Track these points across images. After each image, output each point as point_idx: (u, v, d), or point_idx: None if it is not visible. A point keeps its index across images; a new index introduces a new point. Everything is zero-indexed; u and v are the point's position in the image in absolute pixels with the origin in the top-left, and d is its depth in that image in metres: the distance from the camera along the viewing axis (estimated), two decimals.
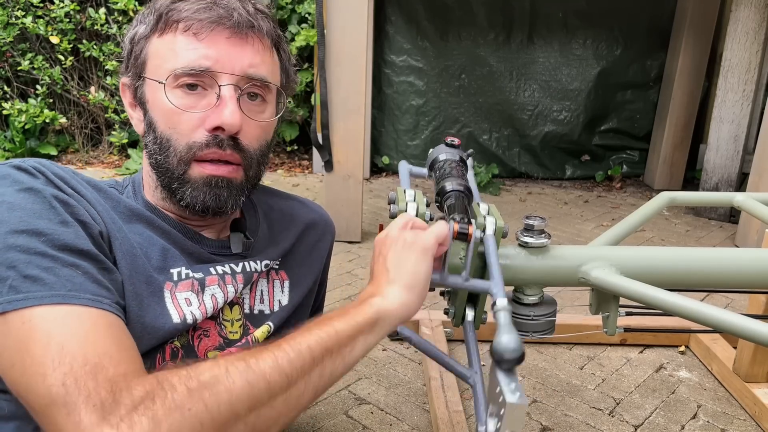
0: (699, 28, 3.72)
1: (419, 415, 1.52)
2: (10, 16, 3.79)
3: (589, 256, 0.94)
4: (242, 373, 0.58)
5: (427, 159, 0.96)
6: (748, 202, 1.25)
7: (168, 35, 0.77)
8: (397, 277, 0.69)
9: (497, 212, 0.86)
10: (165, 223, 0.82)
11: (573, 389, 1.66)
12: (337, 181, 2.73)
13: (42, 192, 0.68)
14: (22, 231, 0.63)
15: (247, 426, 0.57)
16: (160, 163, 0.79)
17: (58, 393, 0.54)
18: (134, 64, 0.81)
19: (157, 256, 0.79)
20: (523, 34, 3.96)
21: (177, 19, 0.76)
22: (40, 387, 0.55)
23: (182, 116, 0.77)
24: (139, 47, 0.80)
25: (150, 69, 0.79)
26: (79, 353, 0.57)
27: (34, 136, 4.13)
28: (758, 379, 1.59)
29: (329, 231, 1.06)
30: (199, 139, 0.77)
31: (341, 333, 0.64)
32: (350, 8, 2.49)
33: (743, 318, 0.77)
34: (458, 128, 4.11)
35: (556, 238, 2.95)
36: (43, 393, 0.55)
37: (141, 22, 0.81)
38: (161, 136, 0.78)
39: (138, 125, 0.84)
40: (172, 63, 0.76)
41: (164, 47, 0.77)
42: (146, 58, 0.79)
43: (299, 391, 0.61)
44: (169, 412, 0.53)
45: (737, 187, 3.29)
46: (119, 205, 0.79)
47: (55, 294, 0.61)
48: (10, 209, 0.65)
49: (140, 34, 0.80)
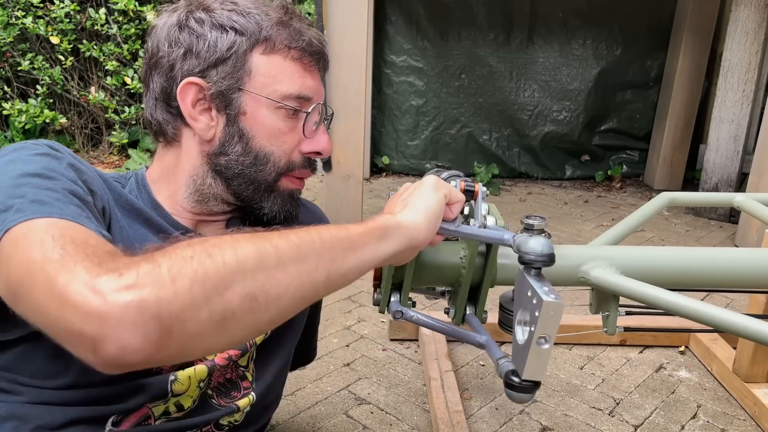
0: (699, 28, 3.72)
1: (419, 415, 1.52)
2: (10, 16, 3.79)
3: (589, 255, 0.94)
4: (247, 238, 0.56)
5: None
6: (748, 202, 1.25)
7: (276, 56, 0.81)
8: (408, 204, 0.72)
9: (497, 212, 0.86)
10: (164, 221, 0.82)
11: (573, 389, 1.66)
12: (337, 181, 2.73)
13: (58, 158, 0.70)
14: (35, 174, 0.64)
15: (256, 282, 0.53)
16: (248, 175, 0.83)
17: (53, 257, 0.52)
18: (229, 71, 0.79)
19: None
20: (523, 34, 3.97)
21: (287, 45, 0.81)
22: (38, 259, 0.53)
23: (287, 136, 0.83)
24: (239, 56, 0.79)
25: (255, 85, 0.80)
26: (78, 238, 0.56)
27: (35, 136, 4.13)
28: (758, 379, 1.59)
29: None
30: (296, 158, 0.85)
31: (351, 232, 0.63)
32: (350, 8, 2.49)
33: (743, 317, 0.77)
34: (458, 128, 4.11)
35: (556, 238, 2.95)
36: (39, 259, 0.53)
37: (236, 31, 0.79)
38: (260, 150, 0.83)
39: (206, 130, 0.82)
40: (284, 86, 0.81)
41: (273, 67, 0.81)
42: (249, 71, 0.80)
43: (311, 266, 0.58)
44: (169, 258, 0.51)
45: (737, 187, 3.30)
46: (121, 199, 0.80)
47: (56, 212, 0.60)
48: (24, 163, 0.66)
49: (240, 45, 0.79)
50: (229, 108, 0.81)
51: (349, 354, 1.81)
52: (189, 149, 0.84)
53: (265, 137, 0.82)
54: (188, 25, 0.80)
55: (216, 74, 0.80)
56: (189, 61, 0.80)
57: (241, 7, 0.81)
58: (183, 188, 0.84)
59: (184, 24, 0.80)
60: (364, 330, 1.95)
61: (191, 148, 0.84)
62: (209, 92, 0.80)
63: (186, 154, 0.84)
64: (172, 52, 0.80)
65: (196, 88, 0.80)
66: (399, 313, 0.80)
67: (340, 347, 1.85)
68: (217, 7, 0.81)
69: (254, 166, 0.83)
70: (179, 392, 0.80)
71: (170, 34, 0.80)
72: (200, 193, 0.85)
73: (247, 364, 0.89)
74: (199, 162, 0.84)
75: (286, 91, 0.81)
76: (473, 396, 1.62)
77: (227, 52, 0.79)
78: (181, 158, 0.84)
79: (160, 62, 0.81)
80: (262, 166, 0.83)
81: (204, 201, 0.85)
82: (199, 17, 0.80)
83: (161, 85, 0.82)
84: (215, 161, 0.83)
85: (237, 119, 0.81)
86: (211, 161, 0.83)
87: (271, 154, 0.83)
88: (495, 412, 1.55)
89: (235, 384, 0.88)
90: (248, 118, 0.81)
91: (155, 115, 0.84)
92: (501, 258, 0.92)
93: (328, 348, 1.83)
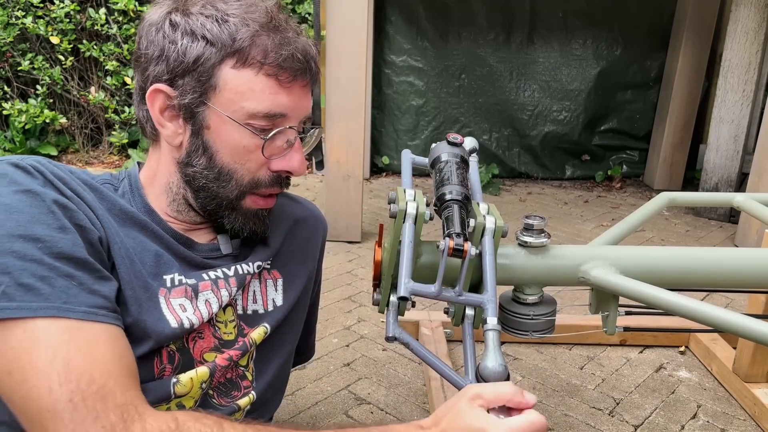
0: (699, 28, 3.72)
1: (419, 415, 1.52)
2: (10, 16, 3.79)
3: (588, 255, 0.94)
4: None
5: (429, 155, 0.95)
6: (748, 202, 1.25)
7: (247, 71, 0.75)
8: None
9: (497, 212, 0.86)
10: (159, 227, 0.82)
11: (573, 389, 1.66)
12: (337, 181, 2.73)
13: (41, 195, 0.67)
14: (19, 236, 0.62)
15: None
16: (211, 189, 0.80)
17: (64, 409, 0.54)
18: (194, 85, 0.76)
19: (150, 261, 0.78)
20: (523, 35, 3.96)
21: (261, 60, 0.75)
22: (44, 399, 0.55)
23: (252, 155, 0.79)
24: (205, 69, 0.75)
25: (221, 101, 0.76)
26: (86, 372, 0.56)
27: (35, 136, 4.13)
28: (758, 379, 1.59)
29: (320, 227, 1.05)
30: (263, 176, 0.81)
31: None
32: (350, 8, 2.49)
33: (743, 317, 0.77)
34: (458, 128, 4.11)
35: (556, 238, 2.95)
36: (47, 406, 0.54)
37: (207, 41, 0.75)
38: (223, 167, 0.79)
39: (173, 137, 0.79)
40: (251, 104, 0.76)
41: (242, 83, 0.75)
42: (215, 85, 0.76)
43: None
44: None
45: (737, 187, 3.29)
46: (114, 207, 0.78)
47: (50, 306, 0.60)
48: (7, 212, 0.64)
49: (209, 57, 0.75)
50: (193, 120, 0.78)
51: (349, 354, 1.81)
52: (165, 153, 0.82)
53: (228, 154, 0.78)
54: (163, 28, 0.76)
55: (182, 84, 0.76)
56: (159, 65, 0.77)
57: (220, 12, 0.76)
58: (164, 195, 0.83)
59: (161, 25, 0.77)
60: (364, 330, 1.95)
61: (167, 152, 0.82)
62: (175, 101, 0.77)
63: (164, 158, 0.82)
64: (148, 53, 0.77)
65: (164, 95, 0.77)
66: (392, 338, 0.78)
67: (340, 347, 1.85)
68: (196, 11, 0.76)
69: (217, 181, 0.79)
70: (182, 394, 0.80)
71: (149, 32, 0.78)
72: (177, 202, 0.83)
73: (247, 363, 0.89)
74: (174, 168, 0.82)
75: (253, 109, 0.76)
76: None
77: (194, 64, 0.75)
78: (161, 161, 0.83)
79: (139, 60, 0.79)
80: (225, 183, 0.79)
81: (182, 210, 0.83)
82: (174, 20, 0.76)
83: (139, 83, 0.80)
84: (184, 170, 0.80)
85: (201, 132, 0.78)
86: (181, 170, 0.81)
87: (234, 171, 0.79)
88: None
89: (235, 384, 0.88)
90: (212, 132, 0.78)
91: (137, 112, 0.83)
92: (501, 258, 0.92)
93: (328, 348, 1.83)
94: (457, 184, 0.84)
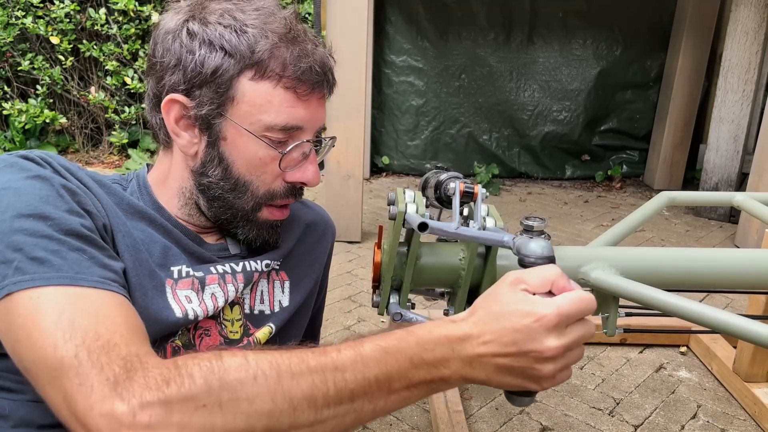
0: (699, 28, 3.72)
1: (419, 415, 1.52)
2: (10, 16, 3.79)
3: (588, 256, 0.94)
4: (270, 387, 0.54)
5: (420, 183, 0.96)
6: (747, 202, 1.25)
7: (265, 83, 0.75)
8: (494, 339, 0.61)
9: (496, 213, 0.86)
10: (167, 222, 0.82)
11: (573, 389, 1.66)
12: (337, 181, 2.73)
13: (50, 180, 0.68)
14: (29, 215, 0.63)
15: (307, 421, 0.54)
16: (227, 200, 0.80)
17: (70, 364, 0.54)
18: (212, 96, 0.75)
19: (158, 253, 0.79)
20: (523, 34, 3.97)
21: (279, 72, 0.74)
22: (50, 358, 0.55)
23: (267, 167, 0.79)
24: (224, 81, 0.74)
25: (238, 113, 0.76)
26: (91, 328, 0.57)
27: (35, 136, 4.13)
28: (758, 379, 1.59)
29: (330, 231, 1.06)
30: (278, 188, 0.81)
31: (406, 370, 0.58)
32: (350, 8, 2.49)
33: (743, 319, 0.77)
34: (458, 128, 4.11)
35: (556, 238, 2.95)
36: (54, 364, 0.55)
37: (225, 52, 0.74)
38: (239, 178, 0.79)
39: (188, 147, 0.79)
40: (269, 117, 0.76)
41: (259, 96, 0.75)
42: (233, 97, 0.75)
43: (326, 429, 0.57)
44: (182, 401, 0.52)
45: (737, 187, 3.30)
46: (122, 202, 0.79)
47: (63, 276, 0.60)
48: (17, 194, 0.65)
49: (227, 69, 0.74)
50: (210, 131, 0.77)
51: None
52: (179, 160, 0.82)
53: (244, 166, 0.78)
54: (180, 36, 0.75)
55: (200, 95, 0.75)
56: (176, 75, 0.76)
57: (239, 22, 0.75)
58: (175, 198, 0.83)
59: (178, 34, 0.75)
60: (364, 330, 1.95)
61: (180, 159, 0.82)
62: (191, 112, 0.77)
63: (177, 164, 0.82)
64: (164, 61, 0.77)
65: (180, 105, 0.77)
66: (398, 315, 0.80)
67: None
68: (214, 20, 0.75)
69: (233, 192, 0.80)
70: None
71: (165, 40, 0.77)
72: (189, 206, 0.83)
73: None
74: (187, 175, 0.82)
75: (271, 122, 0.76)
76: (473, 396, 1.62)
77: (212, 75, 0.74)
78: (173, 166, 0.83)
79: (154, 67, 0.79)
80: (240, 194, 0.80)
81: (193, 215, 0.84)
82: (192, 29, 0.75)
83: (153, 90, 0.80)
84: (199, 180, 0.81)
85: (217, 143, 0.78)
86: (195, 179, 0.81)
87: (250, 183, 0.79)
88: (495, 412, 1.55)
89: None
90: (228, 144, 0.77)
91: (150, 118, 0.83)
92: (500, 259, 0.92)
93: None
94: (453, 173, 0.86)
